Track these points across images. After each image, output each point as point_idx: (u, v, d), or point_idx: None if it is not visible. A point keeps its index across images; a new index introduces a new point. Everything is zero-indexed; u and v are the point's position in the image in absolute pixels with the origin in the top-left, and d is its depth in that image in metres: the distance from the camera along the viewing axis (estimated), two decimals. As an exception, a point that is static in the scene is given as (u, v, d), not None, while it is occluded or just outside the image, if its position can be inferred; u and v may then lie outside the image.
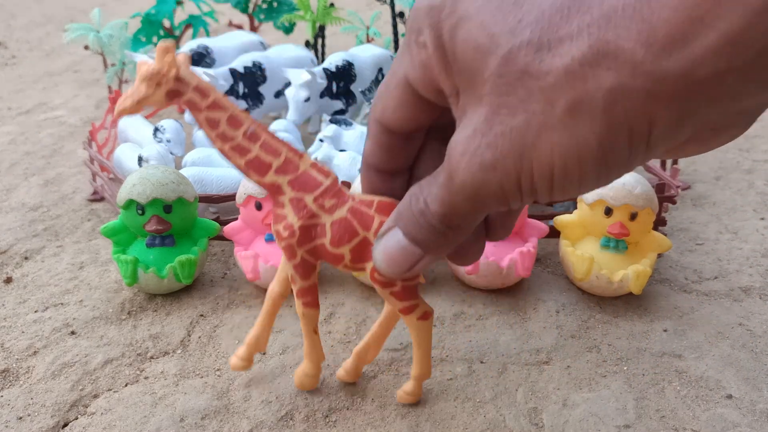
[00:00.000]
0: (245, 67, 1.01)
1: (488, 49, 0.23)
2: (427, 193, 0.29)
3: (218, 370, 0.58)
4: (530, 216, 0.72)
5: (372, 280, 0.43)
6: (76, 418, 0.53)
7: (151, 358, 0.60)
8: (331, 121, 0.92)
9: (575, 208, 0.72)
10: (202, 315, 0.66)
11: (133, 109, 0.39)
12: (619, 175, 0.24)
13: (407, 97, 0.30)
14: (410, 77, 0.29)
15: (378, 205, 0.40)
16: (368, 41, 1.34)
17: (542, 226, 0.71)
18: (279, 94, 1.05)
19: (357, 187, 0.69)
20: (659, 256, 0.76)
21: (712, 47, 0.19)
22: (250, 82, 1.01)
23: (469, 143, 0.24)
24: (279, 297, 0.50)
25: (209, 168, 0.81)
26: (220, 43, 1.11)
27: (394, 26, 1.52)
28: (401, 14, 1.49)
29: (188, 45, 1.07)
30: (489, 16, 0.23)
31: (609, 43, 0.20)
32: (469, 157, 0.25)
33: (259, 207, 0.67)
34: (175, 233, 0.68)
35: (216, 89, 0.41)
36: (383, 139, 0.33)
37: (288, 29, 1.34)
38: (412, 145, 0.34)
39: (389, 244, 0.31)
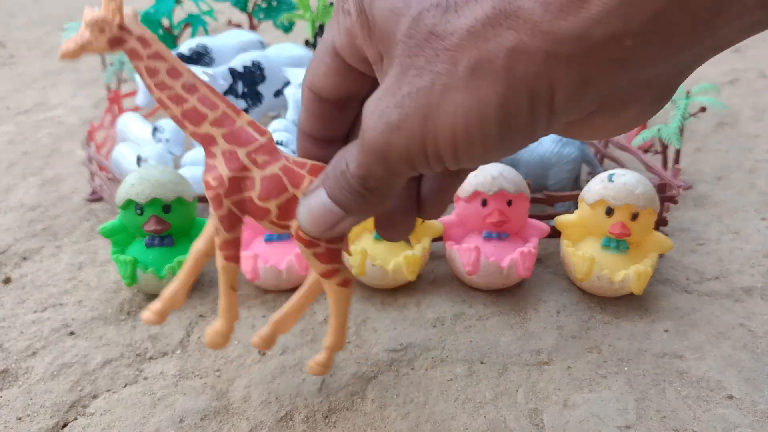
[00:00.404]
0: (244, 66, 1.01)
1: (401, 11, 0.23)
2: (349, 155, 0.29)
3: (218, 370, 0.58)
4: (531, 216, 0.72)
5: (296, 238, 0.43)
6: (75, 419, 0.53)
7: (150, 358, 0.60)
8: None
9: (576, 208, 0.71)
10: (201, 315, 0.66)
11: (75, 53, 0.40)
12: (523, 143, 0.24)
13: (335, 64, 0.31)
14: (337, 45, 0.29)
15: (311, 167, 0.40)
16: (368, 40, 1.34)
17: (543, 227, 0.71)
18: (278, 93, 1.05)
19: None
20: (660, 256, 0.76)
21: (607, 7, 0.19)
22: (250, 82, 1.01)
23: (379, 103, 0.25)
24: (203, 254, 0.49)
25: (209, 168, 0.81)
26: (219, 42, 1.10)
27: (394, 25, 1.52)
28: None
29: (187, 44, 1.07)
30: None
31: (511, 3, 0.20)
32: (377, 116, 0.25)
33: (258, 207, 0.67)
34: (174, 233, 0.67)
35: (160, 41, 0.41)
36: (315, 107, 0.34)
37: (287, 28, 1.34)
38: (347, 114, 0.34)
39: (313, 203, 0.32)
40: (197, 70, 0.94)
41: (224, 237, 0.45)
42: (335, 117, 0.34)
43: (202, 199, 0.74)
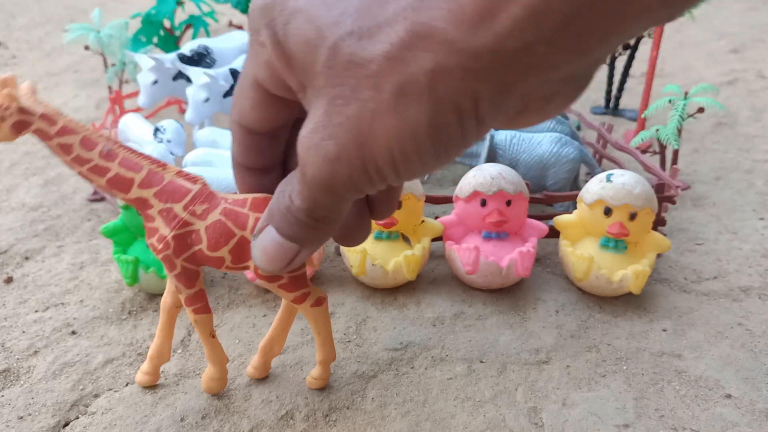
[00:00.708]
0: (245, 68, 1.01)
1: (317, 42, 0.23)
2: (291, 189, 0.29)
3: (218, 369, 0.59)
4: (530, 216, 0.72)
5: (257, 276, 0.44)
6: (77, 418, 0.53)
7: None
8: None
9: (575, 208, 0.72)
10: (202, 315, 0.66)
11: None
12: (458, 152, 0.24)
13: (260, 97, 0.30)
14: (258, 77, 0.29)
15: (252, 202, 0.40)
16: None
17: (542, 226, 0.71)
18: (279, 94, 1.05)
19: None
20: (659, 256, 0.76)
21: (516, 20, 0.19)
22: (251, 83, 1.01)
23: (313, 137, 0.25)
24: (173, 308, 0.50)
25: (209, 168, 0.81)
26: (220, 43, 1.11)
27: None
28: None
29: (188, 45, 1.07)
30: (315, 10, 0.24)
31: (424, 25, 0.21)
32: (314, 151, 0.25)
33: (259, 207, 0.67)
34: (175, 233, 0.68)
35: (63, 114, 0.41)
36: (246, 140, 0.33)
37: (288, 29, 1.34)
38: (279, 142, 0.34)
39: (265, 243, 0.32)
40: (198, 71, 0.94)
41: (186, 294, 0.45)
42: (268, 147, 0.34)
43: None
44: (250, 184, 0.36)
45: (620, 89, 1.24)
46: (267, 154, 0.34)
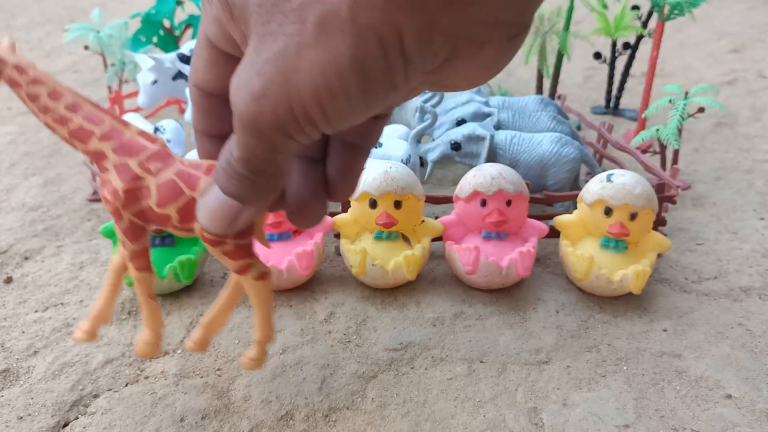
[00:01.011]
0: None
1: None
2: (232, 142, 0.29)
3: (218, 369, 0.59)
4: (530, 216, 0.72)
5: (202, 239, 0.43)
6: (77, 418, 0.53)
7: (151, 358, 0.60)
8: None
9: (575, 208, 0.72)
10: (202, 315, 0.66)
11: None
12: (387, 95, 0.24)
13: (213, 56, 0.30)
14: (209, 35, 0.29)
15: (207, 167, 0.40)
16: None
17: (542, 226, 0.71)
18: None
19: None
20: (659, 256, 0.76)
21: None
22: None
23: (242, 75, 0.25)
24: (121, 268, 0.50)
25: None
26: (220, 43, 1.11)
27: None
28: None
29: (188, 45, 1.07)
30: None
31: None
32: (242, 89, 0.25)
33: (259, 207, 0.67)
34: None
35: (36, 67, 0.42)
36: (204, 104, 0.33)
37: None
38: None
39: (208, 200, 0.32)
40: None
41: (131, 248, 0.45)
42: (227, 111, 0.32)
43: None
44: (211, 152, 0.36)
45: (620, 89, 1.24)
46: (225, 118, 0.33)
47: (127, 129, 0.42)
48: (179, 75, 1.01)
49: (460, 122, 0.89)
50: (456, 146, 0.83)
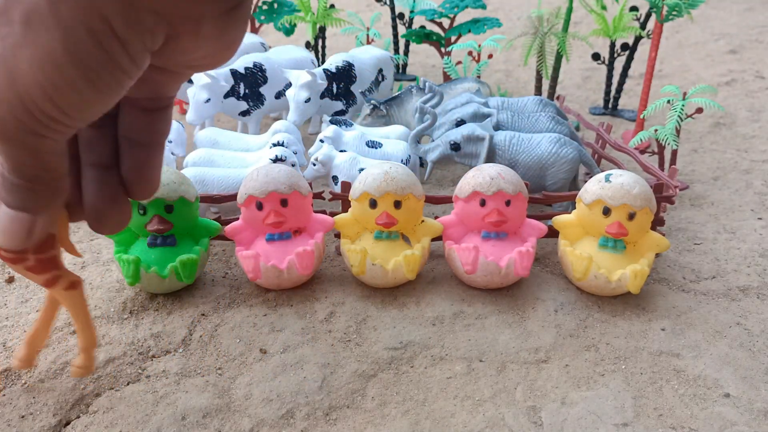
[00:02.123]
0: (246, 68, 1.02)
1: None
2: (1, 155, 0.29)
3: (219, 368, 0.59)
4: (529, 216, 0.73)
5: (2, 258, 0.43)
6: (78, 417, 0.54)
7: (153, 357, 0.60)
8: (332, 122, 0.92)
9: (574, 208, 0.72)
10: (203, 314, 0.66)
11: None
12: (119, 78, 0.24)
13: None
14: None
15: None
16: (368, 42, 1.35)
17: (541, 226, 0.71)
18: (280, 95, 1.06)
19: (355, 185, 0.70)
20: (657, 255, 0.76)
21: None
22: (251, 83, 1.02)
23: None
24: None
25: (210, 168, 0.82)
26: (220, 44, 1.11)
27: (394, 27, 1.52)
28: (401, 15, 1.50)
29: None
30: None
31: None
32: None
33: (259, 207, 0.67)
34: (176, 233, 0.68)
35: None
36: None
37: (289, 30, 1.34)
38: (104, 134, 0.32)
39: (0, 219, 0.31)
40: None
41: None
42: (97, 140, 0.32)
43: (205, 200, 0.75)
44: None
45: (619, 90, 1.25)
46: (97, 148, 0.32)
47: None
48: (180, 76, 1.01)
49: (460, 123, 0.89)
50: (455, 147, 0.83)
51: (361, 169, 0.82)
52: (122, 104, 0.27)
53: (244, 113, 1.03)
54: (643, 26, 1.17)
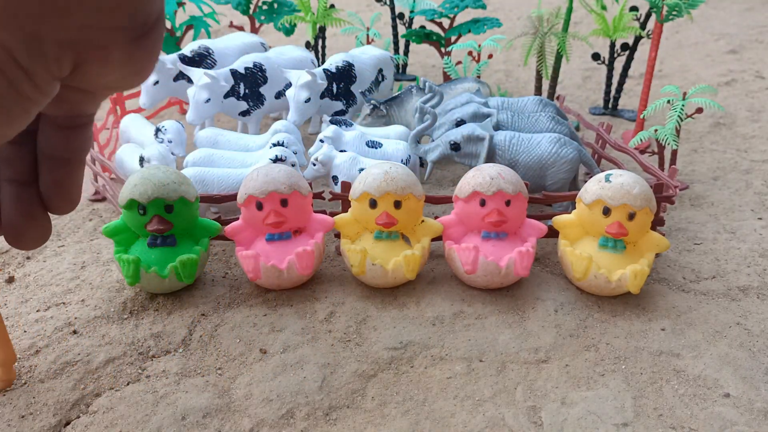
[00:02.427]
0: (246, 68, 1.02)
1: None
2: None
3: (219, 368, 0.59)
4: (529, 216, 0.73)
5: None
6: (78, 417, 0.54)
7: (153, 356, 0.60)
8: (331, 122, 0.92)
9: (574, 208, 0.72)
10: (203, 314, 0.66)
11: None
12: (28, 107, 0.24)
13: None
14: None
15: None
16: (368, 42, 1.35)
17: (541, 226, 0.71)
18: (280, 94, 1.06)
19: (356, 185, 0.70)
20: (657, 255, 0.77)
21: None
22: (251, 83, 1.02)
23: None
24: None
25: (210, 168, 0.82)
26: (221, 44, 1.11)
27: (394, 27, 1.53)
28: (401, 15, 1.50)
29: (189, 46, 1.08)
30: None
31: None
32: None
33: (260, 207, 0.67)
34: (176, 233, 0.68)
35: None
36: None
37: (288, 30, 1.34)
38: (23, 150, 0.32)
39: None
40: (199, 72, 0.94)
41: None
42: (15, 156, 0.31)
43: (204, 200, 0.75)
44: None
45: (619, 90, 1.25)
46: (15, 164, 0.31)
47: None
48: (180, 76, 1.01)
49: (460, 123, 0.89)
50: (455, 147, 0.83)
51: (361, 169, 0.82)
52: (41, 121, 0.27)
53: (244, 113, 1.03)
54: (643, 26, 1.17)
